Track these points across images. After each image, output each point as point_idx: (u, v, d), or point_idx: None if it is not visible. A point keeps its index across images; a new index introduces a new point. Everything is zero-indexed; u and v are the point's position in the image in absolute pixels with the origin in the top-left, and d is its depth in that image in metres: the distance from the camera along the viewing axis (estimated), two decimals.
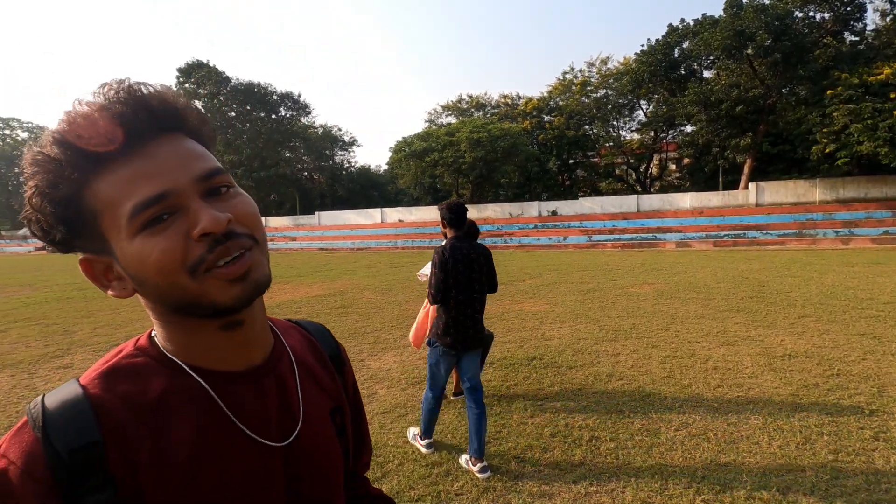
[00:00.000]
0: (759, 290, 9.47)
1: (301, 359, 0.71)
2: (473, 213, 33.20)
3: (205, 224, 0.52)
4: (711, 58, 27.50)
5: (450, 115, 44.71)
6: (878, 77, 21.27)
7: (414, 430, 3.47)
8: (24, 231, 53.12)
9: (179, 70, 42.98)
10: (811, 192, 25.08)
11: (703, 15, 27.51)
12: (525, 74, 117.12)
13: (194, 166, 0.55)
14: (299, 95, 46.05)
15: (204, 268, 0.53)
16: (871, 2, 24.81)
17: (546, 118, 38.59)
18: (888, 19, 25.23)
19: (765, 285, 10.10)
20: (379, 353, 5.95)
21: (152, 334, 0.62)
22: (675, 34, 28.94)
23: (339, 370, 0.79)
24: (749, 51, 24.55)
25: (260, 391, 0.63)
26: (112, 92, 0.54)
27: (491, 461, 3.12)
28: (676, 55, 29.50)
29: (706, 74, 30.24)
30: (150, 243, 0.53)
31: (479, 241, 3.41)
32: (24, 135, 58.89)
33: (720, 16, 25.73)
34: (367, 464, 0.85)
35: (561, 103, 38.85)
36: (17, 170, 57.52)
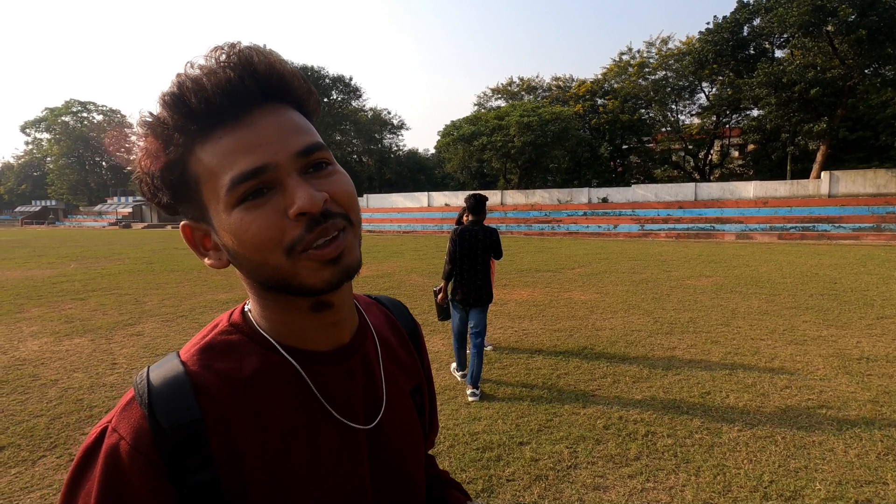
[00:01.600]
0: (831, 288, 8.82)
1: (383, 337, 0.71)
2: (521, 198, 32.77)
3: (301, 203, 0.51)
4: (785, 35, 25.45)
5: (500, 98, 43.99)
6: None
7: (453, 364, 4.64)
8: (100, 207, 57.29)
9: None
10: (893, 182, 22.98)
11: None
12: (579, 56, 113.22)
13: (295, 140, 0.53)
14: (350, 79, 46.70)
15: (301, 248, 0.52)
16: None
17: (599, 101, 37.26)
18: None
19: (837, 282, 9.40)
20: (428, 336, 6.00)
21: (246, 308, 0.62)
22: (745, 10, 26.94)
23: (417, 348, 0.78)
24: (829, 27, 22.52)
25: (347, 372, 0.62)
26: (223, 56, 0.52)
27: (541, 449, 3.08)
28: (745, 33, 27.50)
29: (778, 54, 28.10)
30: (247, 218, 0.51)
31: (493, 226, 4.47)
32: (100, 117, 63.04)
33: None
34: (433, 442, 0.84)
35: (616, 86, 37.31)
36: (93, 150, 61.88)
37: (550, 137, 30.66)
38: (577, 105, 36.50)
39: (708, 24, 28.90)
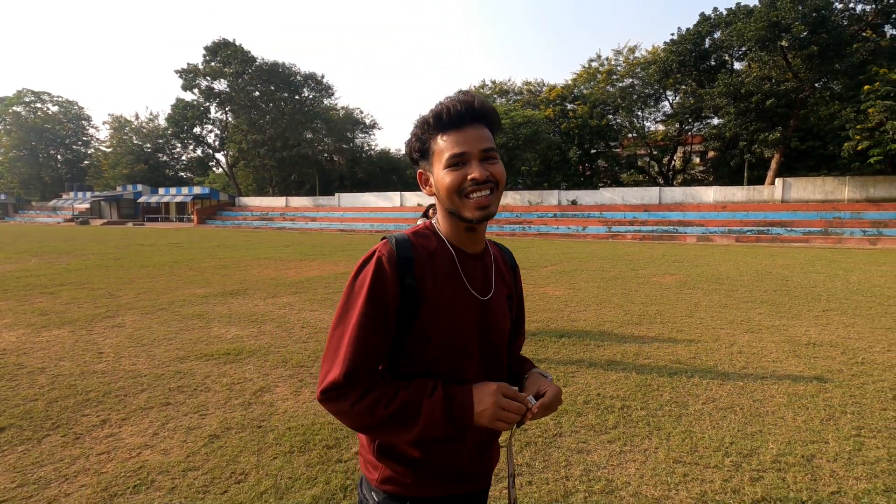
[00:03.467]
0: (783, 285, 9.51)
1: (496, 259, 1.22)
2: None
3: (475, 175, 1.02)
4: (744, 49, 26.85)
5: None
6: None
7: None
8: (55, 202, 54.70)
9: (206, 48, 43.45)
10: (840, 189, 24.59)
11: (737, 4, 26.82)
12: (550, 61, 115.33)
13: (482, 143, 1.04)
14: (322, 77, 46.29)
15: (465, 193, 1.03)
16: None
17: (569, 106, 38.17)
18: None
19: (788, 280, 10.12)
20: None
21: (433, 222, 1.15)
22: (706, 23, 28.29)
23: (515, 276, 1.28)
24: (784, 42, 23.93)
25: (478, 265, 1.13)
26: (461, 95, 1.07)
27: (527, 423, 3.35)
28: (707, 45, 28.86)
29: (737, 66, 29.59)
30: (449, 174, 1.04)
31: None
32: (55, 109, 60.15)
33: (755, 6, 25.08)
34: (521, 346, 1.33)
35: (585, 92, 38.39)
36: (47, 142, 58.96)
37: (522, 140, 31.29)
38: (548, 109, 37.32)
39: (672, 35, 30.18)
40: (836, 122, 23.15)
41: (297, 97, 45.52)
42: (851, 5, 24.21)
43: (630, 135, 38.48)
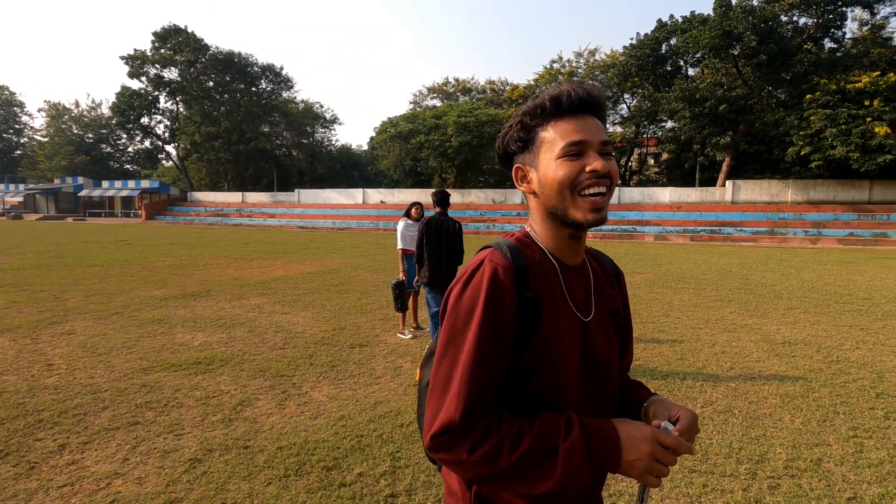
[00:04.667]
0: (745, 283, 9.87)
1: (595, 270, 1.05)
2: (457, 197, 33.20)
3: (597, 165, 0.89)
4: (698, 55, 27.97)
5: (435, 97, 44.30)
6: (857, 85, 22.10)
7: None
8: None
9: (155, 34, 41.10)
10: (784, 192, 26.06)
11: (692, 12, 27.92)
12: (513, 61, 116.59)
13: (601, 135, 0.91)
14: (281, 68, 44.79)
15: (580, 189, 0.89)
16: (851, 10, 25.47)
17: None
18: (865, 29, 26.17)
19: (748, 279, 10.53)
20: (392, 329, 5.98)
21: (528, 230, 1.00)
22: (663, 30, 29.27)
23: (619, 287, 1.10)
24: (735, 51, 25.07)
25: (580, 280, 0.99)
26: (580, 84, 0.93)
27: None
28: (664, 51, 29.87)
29: (691, 72, 30.79)
30: (564, 165, 0.90)
31: (456, 220, 5.08)
32: None
33: (709, 15, 26.15)
34: (629, 365, 1.15)
35: None
36: None
37: (486, 139, 31.38)
38: (511, 109, 37.63)
39: (631, 39, 31.07)
40: (781, 128, 24.47)
41: (253, 89, 43.83)
42: (795, 18, 25.67)
43: None
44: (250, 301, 7.57)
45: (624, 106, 37.77)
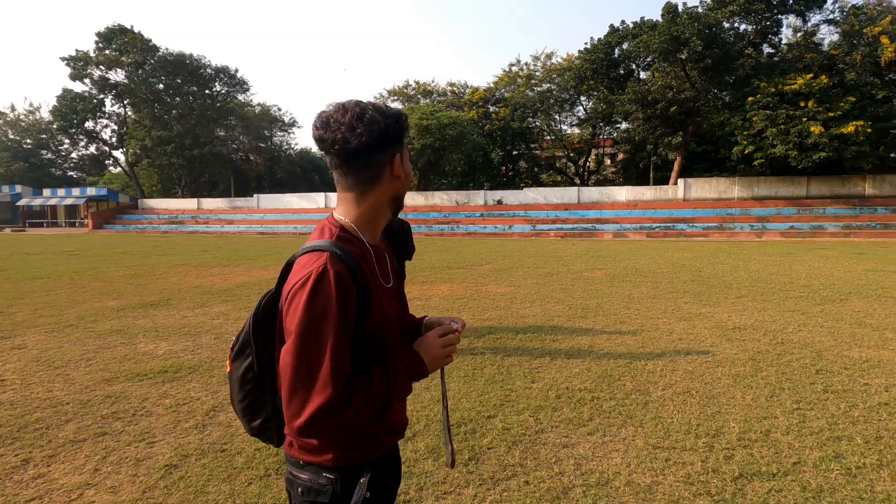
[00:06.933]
0: (697, 275, 10.41)
1: (384, 243, 1.30)
2: (420, 199, 33.29)
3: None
4: (649, 59, 29.16)
5: (396, 100, 44.08)
6: (792, 87, 23.61)
7: None
8: None
9: (98, 35, 39.16)
10: (731, 189, 27.51)
11: (642, 18, 29.13)
12: (472, 64, 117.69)
13: None
14: (236, 71, 43.56)
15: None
16: (786, 18, 27.23)
17: (492, 109, 39.16)
18: (799, 35, 28.01)
19: (701, 271, 11.11)
20: None
21: (339, 219, 1.14)
22: (616, 35, 30.35)
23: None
24: (683, 55, 26.31)
25: (378, 254, 1.19)
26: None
27: (509, 420, 3.35)
28: (616, 55, 30.97)
29: (643, 75, 32.06)
30: (409, 164, 1.20)
31: (404, 220, 5.24)
32: None
33: (658, 21, 27.34)
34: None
35: (507, 95, 39.56)
36: None
37: (448, 141, 31.59)
38: (472, 111, 38.04)
39: (586, 44, 32.07)
40: (727, 128, 25.85)
41: (207, 91, 42.37)
42: (736, 25, 27.18)
43: (548, 137, 40.31)
44: (214, 308, 7.40)
45: (580, 108, 38.90)
